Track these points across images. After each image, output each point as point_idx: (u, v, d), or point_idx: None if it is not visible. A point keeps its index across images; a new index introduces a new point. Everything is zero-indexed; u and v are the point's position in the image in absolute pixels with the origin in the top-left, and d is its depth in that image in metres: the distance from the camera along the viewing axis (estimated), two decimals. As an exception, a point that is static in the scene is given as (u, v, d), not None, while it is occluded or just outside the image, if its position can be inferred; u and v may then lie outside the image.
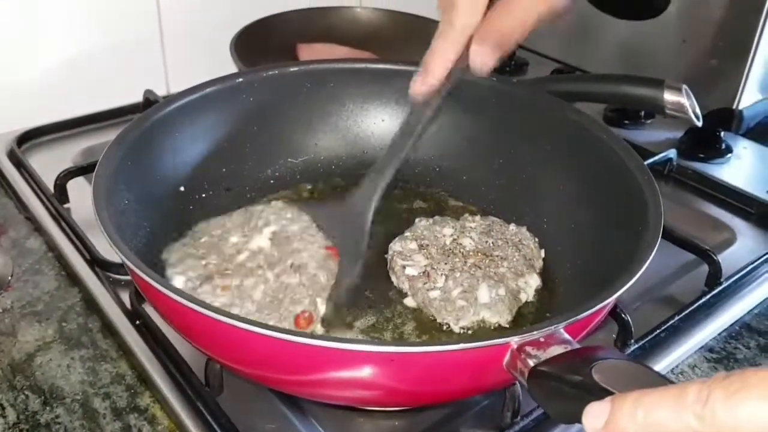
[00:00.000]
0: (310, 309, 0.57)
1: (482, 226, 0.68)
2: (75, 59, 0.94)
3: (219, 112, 0.71)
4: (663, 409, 0.30)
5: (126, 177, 0.58)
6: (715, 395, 0.29)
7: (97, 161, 0.57)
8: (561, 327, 0.44)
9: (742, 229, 0.81)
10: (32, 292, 0.67)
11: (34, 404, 0.56)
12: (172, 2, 0.98)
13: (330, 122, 0.77)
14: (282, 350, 0.43)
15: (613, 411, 0.32)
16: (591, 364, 0.38)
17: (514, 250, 0.65)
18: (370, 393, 0.48)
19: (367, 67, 0.77)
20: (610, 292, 0.47)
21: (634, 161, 0.61)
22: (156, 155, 0.64)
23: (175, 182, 0.67)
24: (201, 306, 0.43)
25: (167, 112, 0.66)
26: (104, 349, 0.61)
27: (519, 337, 0.43)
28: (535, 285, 0.63)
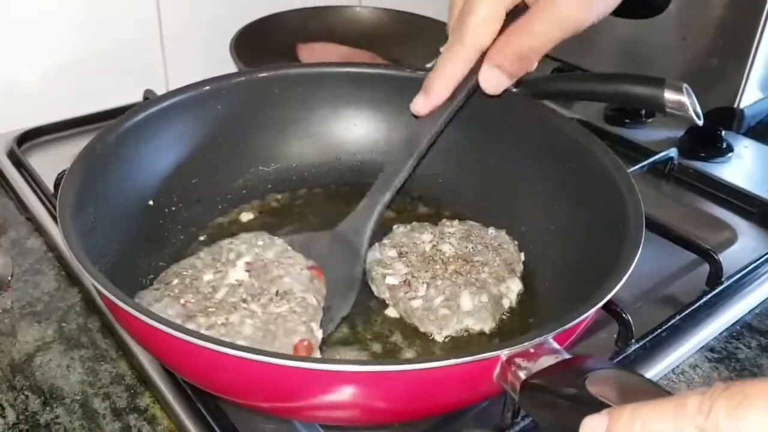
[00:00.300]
0: (308, 337, 0.53)
1: (461, 231, 0.66)
2: (75, 59, 0.94)
3: (186, 121, 0.68)
4: (662, 421, 0.30)
5: (91, 195, 0.55)
6: (717, 407, 0.28)
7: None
8: (550, 337, 0.43)
9: (744, 229, 0.81)
10: (32, 292, 0.67)
11: (34, 404, 0.56)
12: (171, 1, 0.98)
13: (301, 128, 0.75)
14: (260, 375, 0.42)
15: (611, 424, 0.32)
16: (584, 376, 0.38)
17: (494, 255, 0.63)
18: (356, 414, 0.47)
19: (337, 71, 0.75)
20: (597, 299, 0.46)
21: (610, 158, 0.61)
22: (121, 170, 0.61)
23: (142, 197, 0.64)
24: (179, 331, 0.42)
25: (131, 124, 0.63)
26: (104, 349, 0.61)
27: (508, 350, 0.42)
28: (517, 289, 0.62)
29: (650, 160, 0.86)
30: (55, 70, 0.93)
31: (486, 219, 0.69)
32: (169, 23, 0.99)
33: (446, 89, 0.59)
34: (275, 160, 0.75)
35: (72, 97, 0.95)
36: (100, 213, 0.56)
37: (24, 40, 0.90)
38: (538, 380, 0.41)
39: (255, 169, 0.74)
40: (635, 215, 0.54)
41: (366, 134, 0.76)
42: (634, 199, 0.56)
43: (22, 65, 0.91)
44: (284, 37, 1.02)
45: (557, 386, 0.39)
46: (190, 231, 0.68)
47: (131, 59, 0.98)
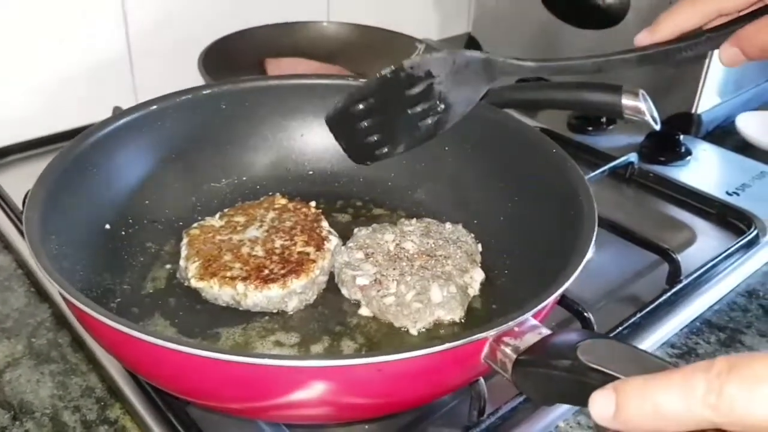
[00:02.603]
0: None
1: (420, 228, 0.69)
2: (44, 78, 0.95)
3: (136, 143, 0.69)
4: (672, 399, 0.31)
5: (52, 222, 0.56)
6: (729, 388, 0.30)
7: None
8: (530, 315, 0.46)
9: (703, 229, 0.83)
10: (1, 308, 0.67)
11: (3, 419, 0.56)
12: (139, 19, 0.99)
13: (250, 142, 0.77)
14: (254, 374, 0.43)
15: (621, 402, 0.33)
16: (574, 346, 0.40)
17: (455, 248, 0.67)
18: (358, 403, 0.48)
19: (282, 83, 0.78)
20: (566, 276, 0.49)
21: (555, 149, 0.65)
22: (77, 195, 0.62)
23: (99, 221, 0.65)
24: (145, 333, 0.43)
25: (83, 148, 0.64)
26: (74, 363, 0.62)
27: (495, 330, 0.45)
28: (480, 278, 0.65)
29: (611, 165, 0.88)
30: (25, 90, 0.94)
31: (439, 216, 0.72)
32: (138, 41, 1.00)
33: (672, 30, 0.60)
34: (226, 176, 0.76)
35: (41, 117, 0.95)
36: (62, 240, 0.56)
37: (-9, 61, 0.90)
38: (530, 356, 0.43)
39: (207, 186, 0.75)
40: (586, 200, 0.58)
41: (314, 144, 0.78)
42: (584, 186, 0.60)
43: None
44: (252, 53, 1.04)
45: (550, 359, 0.41)
46: (150, 252, 0.68)
47: (100, 77, 0.98)
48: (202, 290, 0.63)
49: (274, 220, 0.69)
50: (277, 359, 0.42)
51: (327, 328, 0.61)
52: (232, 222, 0.69)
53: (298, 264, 0.63)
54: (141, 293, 0.64)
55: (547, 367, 0.41)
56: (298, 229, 0.68)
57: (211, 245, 0.66)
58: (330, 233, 0.69)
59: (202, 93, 0.74)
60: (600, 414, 0.33)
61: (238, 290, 0.61)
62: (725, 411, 0.30)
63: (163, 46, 1.02)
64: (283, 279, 0.61)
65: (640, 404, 0.32)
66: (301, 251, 0.65)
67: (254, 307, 0.62)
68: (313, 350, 0.59)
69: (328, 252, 0.66)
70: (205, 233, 0.68)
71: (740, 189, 0.89)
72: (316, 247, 0.66)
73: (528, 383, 0.43)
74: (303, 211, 0.71)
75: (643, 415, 0.32)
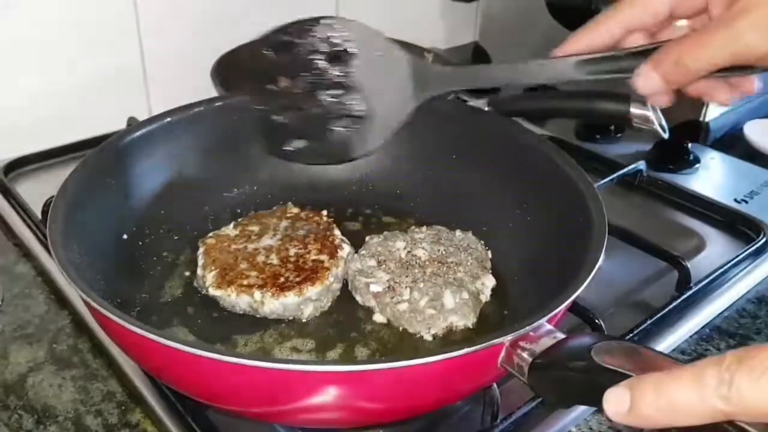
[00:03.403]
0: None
1: (430, 235, 0.71)
2: (60, 89, 0.96)
3: (151, 155, 0.71)
4: (686, 394, 0.32)
5: (72, 233, 0.57)
6: (739, 377, 0.31)
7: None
8: (545, 320, 0.47)
9: (712, 237, 0.84)
10: (23, 315, 0.69)
11: (28, 423, 0.57)
12: (153, 29, 1.01)
13: (260, 152, 0.77)
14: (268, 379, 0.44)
15: (635, 398, 0.34)
16: (588, 349, 0.41)
17: (466, 255, 0.68)
18: (375, 408, 0.49)
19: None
20: (579, 282, 0.50)
21: (563, 157, 0.66)
22: (95, 207, 0.63)
23: (117, 231, 0.67)
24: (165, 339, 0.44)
25: (101, 160, 0.66)
26: (95, 368, 0.63)
27: (512, 335, 0.46)
28: (491, 285, 0.67)
29: (619, 173, 0.89)
30: (41, 100, 0.95)
31: (448, 224, 0.73)
32: (152, 51, 1.02)
33: (577, 46, 0.61)
34: (238, 186, 0.78)
35: (57, 126, 0.97)
36: (83, 250, 0.58)
37: (8, 71, 0.92)
38: (545, 359, 0.44)
39: (220, 196, 0.77)
40: (595, 207, 0.59)
41: None
42: (593, 193, 0.61)
43: (5, 96, 0.93)
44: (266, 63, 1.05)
45: (565, 362, 0.42)
46: (166, 261, 0.70)
47: (115, 88, 1.00)
48: (220, 298, 0.64)
49: (287, 229, 0.71)
50: (298, 364, 0.43)
51: (342, 334, 0.62)
52: (246, 231, 0.71)
53: (313, 271, 0.65)
54: (159, 301, 0.66)
55: (563, 369, 0.42)
56: (311, 237, 0.69)
57: (227, 254, 0.67)
58: (342, 241, 0.70)
59: (214, 105, 0.76)
60: (615, 410, 0.34)
61: (256, 298, 0.62)
62: (736, 401, 0.31)
63: (176, 57, 1.04)
64: (299, 287, 0.63)
65: (654, 399, 0.33)
66: (315, 259, 0.66)
67: (270, 315, 0.63)
68: (329, 356, 0.60)
69: (342, 260, 0.67)
70: (220, 242, 0.69)
71: (749, 197, 0.90)
72: (329, 254, 0.67)
73: (544, 386, 0.44)
74: (315, 219, 0.72)
75: (657, 410, 0.33)
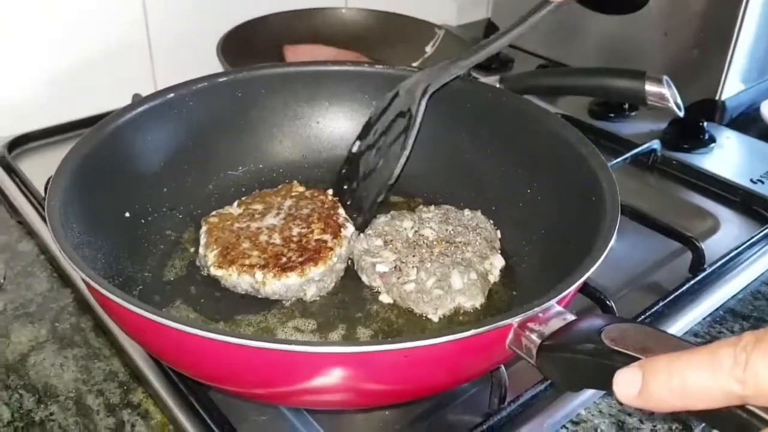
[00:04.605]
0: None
1: (438, 215, 0.69)
2: (65, 65, 0.95)
3: (153, 131, 0.70)
4: (699, 374, 0.31)
5: (73, 211, 0.56)
6: (755, 359, 0.29)
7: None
8: (554, 301, 0.45)
9: (726, 217, 0.82)
10: (25, 294, 0.68)
11: (29, 402, 0.57)
12: (158, 7, 0.99)
13: (266, 130, 0.77)
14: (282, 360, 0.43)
15: (647, 379, 0.32)
16: (599, 331, 0.40)
17: (474, 235, 0.66)
18: (381, 390, 0.48)
19: (296, 70, 0.78)
20: (590, 262, 0.49)
21: (576, 135, 0.64)
22: (96, 185, 0.62)
23: (119, 210, 0.65)
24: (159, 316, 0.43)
25: (102, 136, 0.64)
26: (97, 347, 0.62)
27: (520, 316, 0.44)
28: (500, 265, 0.65)
29: (633, 152, 0.87)
30: (45, 78, 0.94)
31: (457, 203, 0.72)
32: (156, 27, 1.00)
33: None
34: (243, 163, 0.76)
35: (62, 104, 0.96)
36: (83, 228, 0.57)
37: (13, 50, 0.91)
38: (554, 341, 0.42)
39: (224, 174, 0.75)
40: (608, 186, 0.57)
41: (330, 131, 0.78)
42: (606, 172, 0.59)
43: (11, 75, 0.92)
44: (271, 40, 1.03)
45: (575, 344, 0.41)
46: (169, 240, 0.69)
47: (119, 65, 0.99)
48: (222, 278, 0.63)
49: (291, 208, 0.69)
50: (302, 345, 0.41)
51: (347, 315, 0.61)
52: (249, 210, 0.69)
53: (316, 252, 0.63)
54: (162, 280, 0.64)
55: (572, 351, 0.41)
56: (315, 216, 0.68)
57: (230, 233, 0.66)
58: (346, 220, 0.69)
59: (218, 81, 0.74)
60: (625, 392, 0.33)
61: (257, 278, 0.61)
62: (752, 384, 0.29)
63: (181, 33, 1.02)
64: (301, 267, 0.62)
65: (666, 381, 0.31)
66: (319, 239, 0.65)
67: (273, 295, 0.62)
68: (332, 337, 0.59)
69: (345, 239, 0.66)
70: (223, 221, 0.68)
71: (765, 177, 0.88)
72: (333, 234, 0.65)
73: (553, 368, 0.43)
74: (320, 198, 0.71)
75: (669, 392, 0.31)
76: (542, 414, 0.56)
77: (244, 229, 0.66)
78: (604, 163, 0.61)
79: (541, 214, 0.66)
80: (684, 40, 1.00)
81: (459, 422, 0.55)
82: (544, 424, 0.55)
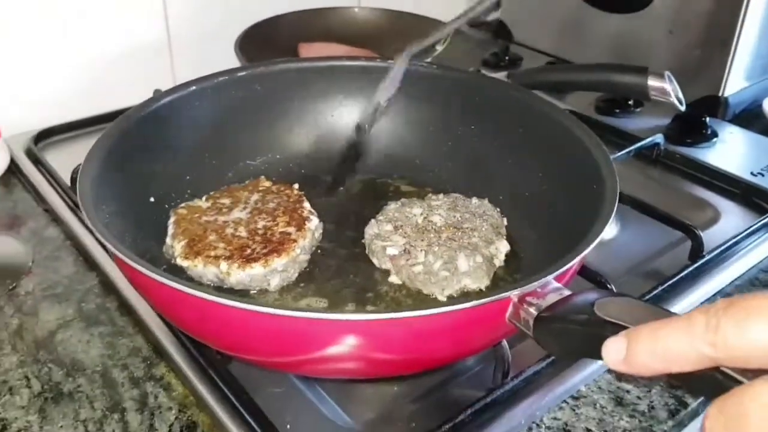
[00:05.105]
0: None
1: (447, 203, 0.72)
2: (87, 61, 0.99)
3: (176, 122, 0.73)
4: (676, 339, 0.33)
5: (102, 194, 0.59)
6: (724, 323, 0.31)
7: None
8: (552, 277, 0.48)
9: (727, 208, 0.85)
10: (52, 276, 0.72)
11: (57, 375, 0.60)
12: (178, 6, 1.03)
13: (284, 122, 0.80)
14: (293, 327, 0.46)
15: (631, 345, 0.35)
16: (592, 303, 0.42)
17: (481, 221, 0.69)
18: (389, 359, 0.51)
19: (314, 65, 0.81)
20: (589, 240, 0.51)
21: (579, 126, 0.67)
22: (123, 170, 0.65)
23: (145, 194, 0.69)
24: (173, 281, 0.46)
25: (127, 126, 0.68)
26: (121, 325, 0.66)
27: (519, 290, 0.47)
28: (505, 250, 0.68)
29: (637, 146, 0.90)
30: (68, 74, 0.98)
31: (466, 192, 0.75)
32: (176, 26, 1.04)
33: None
34: (261, 154, 0.80)
35: (84, 99, 0.99)
36: (111, 210, 0.60)
37: (38, 51, 0.95)
38: (550, 313, 0.45)
39: (243, 163, 0.79)
40: (608, 173, 0.60)
41: (344, 124, 0.81)
42: (606, 160, 0.62)
43: (37, 73, 0.96)
44: (286, 37, 1.07)
45: (569, 315, 0.44)
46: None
47: (140, 61, 1.03)
48: (188, 269, 0.64)
49: (257, 202, 0.71)
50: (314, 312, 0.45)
51: (358, 294, 0.64)
52: (218, 204, 0.71)
53: (280, 243, 0.65)
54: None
55: (566, 322, 0.43)
56: (280, 210, 0.70)
57: (197, 225, 0.67)
58: (311, 213, 0.71)
59: (237, 75, 0.77)
60: (613, 358, 0.36)
61: (222, 269, 0.63)
62: (722, 346, 0.31)
63: (200, 30, 1.06)
64: (265, 258, 0.63)
65: (648, 347, 0.34)
66: (283, 231, 0.67)
67: (237, 285, 0.63)
68: (344, 312, 0.62)
69: (309, 231, 0.68)
70: (192, 213, 0.69)
71: (765, 170, 0.90)
72: (297, 227, 0.67)
73: (548, 339, 0.45)
74: (286, 192, 0.73)
75: (652, 356, 0.34)
76: (543, 389, 0.58)
77: (211, 222, 0.68)
78: (606, 151, 0.63)
79: (546, 203, 0.69)
80: (688, 39, 1.03)
81: (464, 396, 0.58)
82: (546, 398, 0.58)
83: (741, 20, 0.96)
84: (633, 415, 0.57)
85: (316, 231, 0.70)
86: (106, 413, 0.57)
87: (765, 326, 0.30)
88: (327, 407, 0.57)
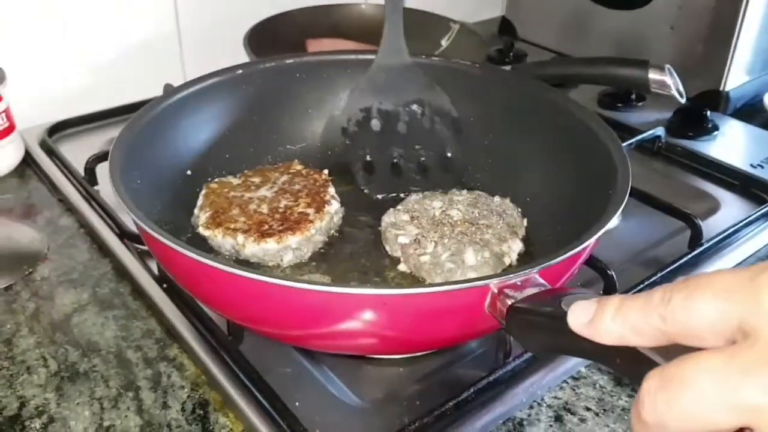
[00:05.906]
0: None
1: (469, 199, 0.73)
2: (100, 58, 1.01)
3: (221, 102, 0.77)
4: (636, 311, 0.34)
5: (137, 161, 0.63)
6: (674, 297, 0.32)
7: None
8: (535, 272, 0.48)
9: (726, 200, 0.86)
10: (67, 263, 0.74)
11: (73, 356, 0.62)
12: (188, 2, 1.05)
13: (324, 110, 0.83)
14: (282, 298, 0.48)
15: (599, 311, 0.36)
16: (560, 298, 0.42)
17: (498, 219, 0.70)
18: (363, 339, 0.53)
19: (354, 58, 0.83)
20: (581, 242, 0.52)
21: (605, 132, 0.67)
22: (164, 141, 0.69)
23: (182, 166, 0.72)
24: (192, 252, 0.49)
25: (174, 101, 0.71)
26: (134, 309, 0.67)
27: (498, 280, 0.47)
28: (518, 249, 0.68)
29: (638, 138, 0.91)
30: (80, 69, 1.00)
31: (493, 191, 0.76)
32: (186, 21, 1.06)
33: None
34: (301, 140, 0.83)
35: (96, 93, 1.02)
36: (144, 177, 0.64)
37: (52, 46, 0.97)
38: (522, 304, 0.46)
39: (283, 148, 0.82)
40: (622, 180, 0.60)
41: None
42: (625, 173, 0.60)
43: (51, 67, 0.98)
44: (294, 34, 1.09)
45: (536, 307, 0.45)
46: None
47: (150, 56, 1.05)
48: (209, 238, 0.68)
49: (285, 183, 0.74)
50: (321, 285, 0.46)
51: (365, 277, 0.66)
52: (248, 181, 0.75)
53: (296, 223, 0.68)
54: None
55: (532, 314, 0.44)
56: (304, 192, 0.73)
57: (224, 199, 0.71)
58: (333, 198, 0.73)
59: (284, 62, 0.81)
60: (577, 319, 0.37)
61: (238, 241, 0.66)
62: (670, 320, 0.32)
63: (209, 27, 1.08)
64: (279, 234, 0.66)
65: (613, 315, 0.35)
66: (302, 212, 0.70)
67: (252, 258, 0.67)
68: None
69: (328, 215, 0.70)
70: (222, 188, 0.73)
71: (765, 162, 0.92)
72: (316, 209, 0.70)
73: (518, 331, 0.46)
74: (314, 177, 0.76)
75: (613, 325, 0.35)
76: (544, 369, 0.60)
77: (238, 198, 0.72)
78: (625, 156, 0.62)
79: (568, 209, 0.68)
80: (690, 34, 1.04)
81: (467, 375, 0.60)
82: (546, 378, 0.59)
83: (742, 16, 0.98)
84: (632, 395, 0.59)
85: (335, 215, 0.72)
86: (120, 391, 0.59)
87: (710, 301, 0.31)
88: (335, 387, 0.59)
